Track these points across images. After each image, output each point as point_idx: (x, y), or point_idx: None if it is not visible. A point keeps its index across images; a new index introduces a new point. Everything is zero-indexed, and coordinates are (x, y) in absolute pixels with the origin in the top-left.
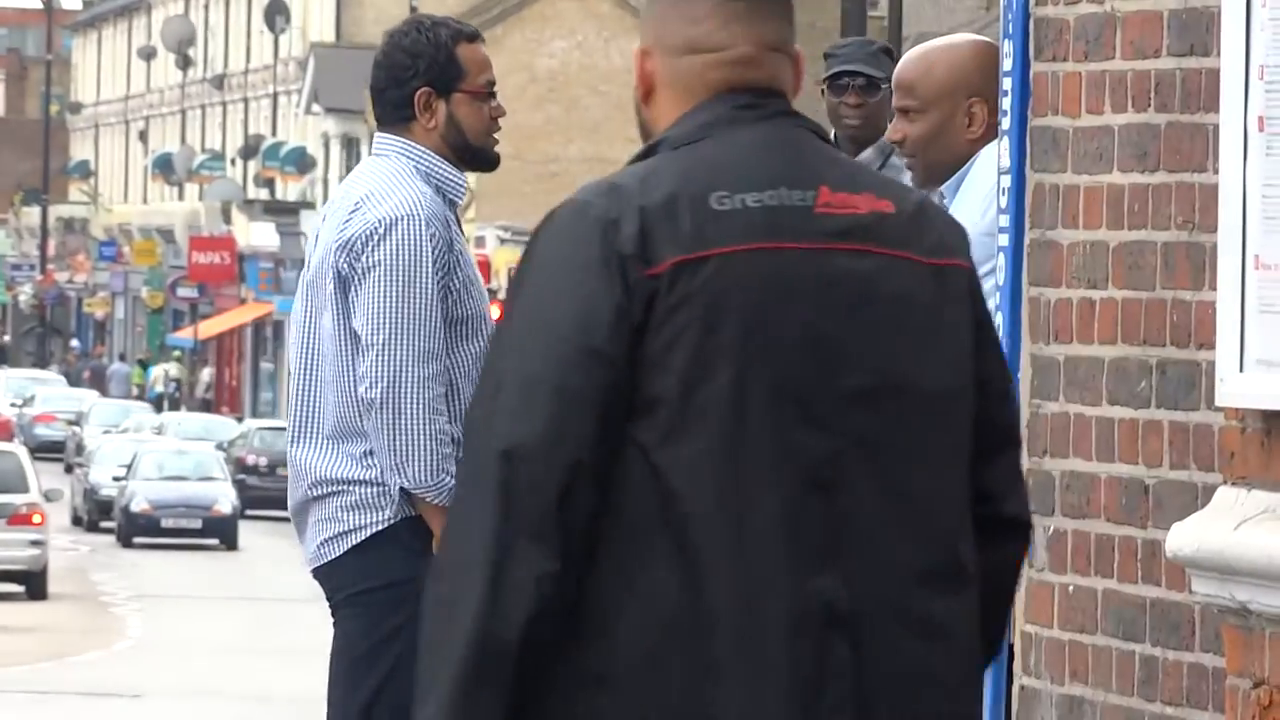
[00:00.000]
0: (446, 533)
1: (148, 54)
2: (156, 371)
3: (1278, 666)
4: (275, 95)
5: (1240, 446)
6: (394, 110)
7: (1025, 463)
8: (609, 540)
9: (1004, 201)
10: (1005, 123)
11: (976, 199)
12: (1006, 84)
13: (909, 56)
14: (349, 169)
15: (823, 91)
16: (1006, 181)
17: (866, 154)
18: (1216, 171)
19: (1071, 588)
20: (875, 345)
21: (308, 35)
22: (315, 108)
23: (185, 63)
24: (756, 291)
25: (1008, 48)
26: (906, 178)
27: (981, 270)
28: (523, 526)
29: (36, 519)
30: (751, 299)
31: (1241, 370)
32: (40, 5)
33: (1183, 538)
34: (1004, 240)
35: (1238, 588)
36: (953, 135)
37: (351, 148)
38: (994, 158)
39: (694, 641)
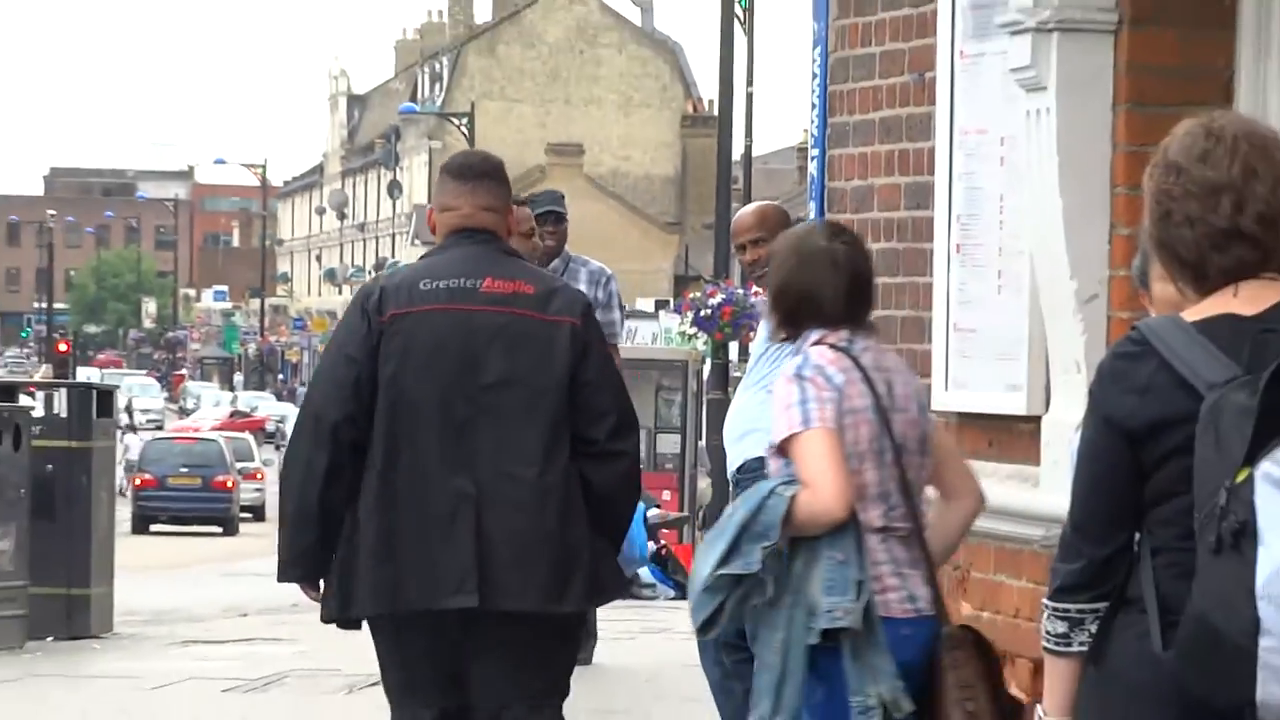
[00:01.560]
0: (288, 451)
1: (320, 210)
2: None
3: (968, 557)
4: (394, 235)
5: (944, 431)
6: None
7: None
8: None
9: None
10: None
11: None
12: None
13: (748, 213)
14: None
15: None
16: None
17: (555, 262)
18: (932, 276)
19: None
20: (501, 360)
21: (413, 199)
22: (417, 242)
23: (341, 216)
24: (433, 331)
25: (811, 206)
26: (584, 274)
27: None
28: (319, 446)
29: (259, 476)
30: (430, 334)
31: (946, 389)
32: (259, 183)
33: None
34: None
35: None
36: None
37: None
38: None
39: (388, 505)
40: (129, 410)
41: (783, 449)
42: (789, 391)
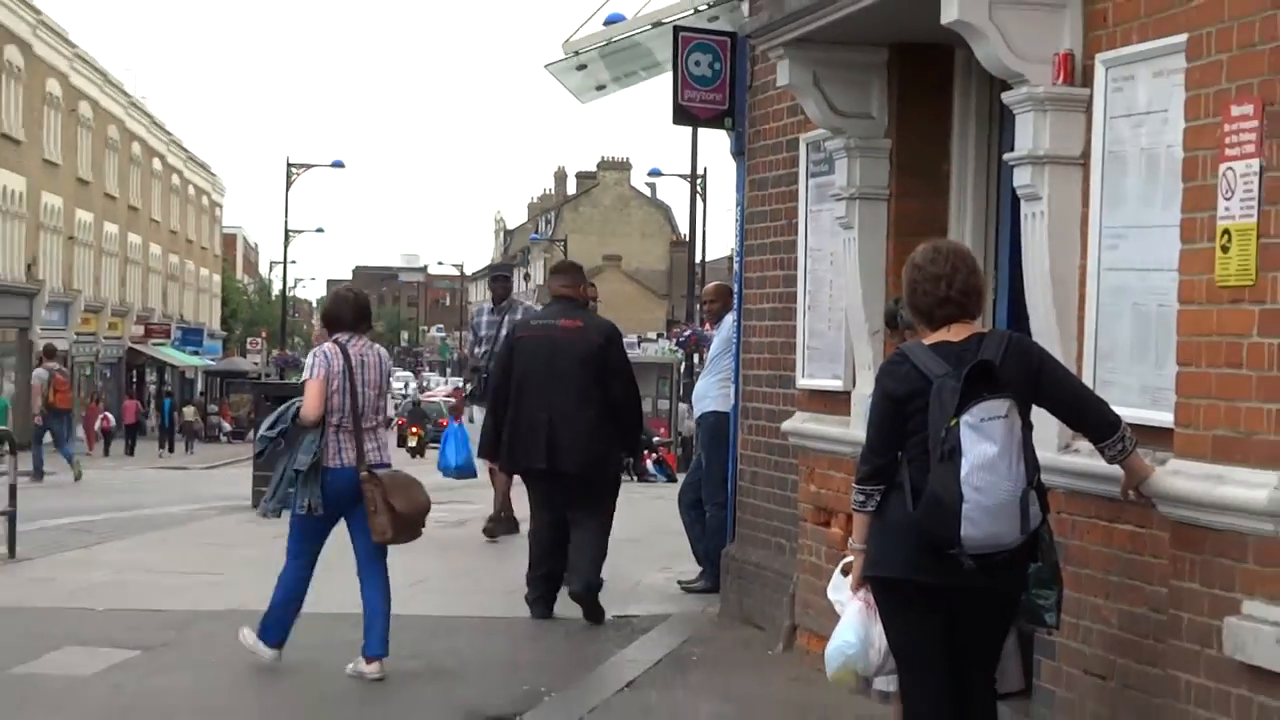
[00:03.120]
0: (489, 400)
1: (487, 279)
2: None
3: (811, 463)
4: (525, 302)
5: (802, 399)
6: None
7: (744, 401)
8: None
9: (735, 326)
10: (736, 304)
11: (725, 328)
12: (736, 294)
13: (710, 288)
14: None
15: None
16: (734, 320)
17: (504, 302)
18: (796, 321)
19: (755, 440)
20: (564, 358)
21: (535, 282)
22: (537, 304)
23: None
24: (535, 344)
25: (736, 286)
26: (521, 309)
27: (725, 348)
28: (497, 396)
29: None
30: (534, 346)
31: (804, 376)
32: (459, 274)
33: (788, 425)
34: (735, 338)
35: (800, 440)
36: (729, 308)
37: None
38: (730, 318)
39: (516, 421)
40: (405, 386)
41: (302, 387)
42: (308, 360)
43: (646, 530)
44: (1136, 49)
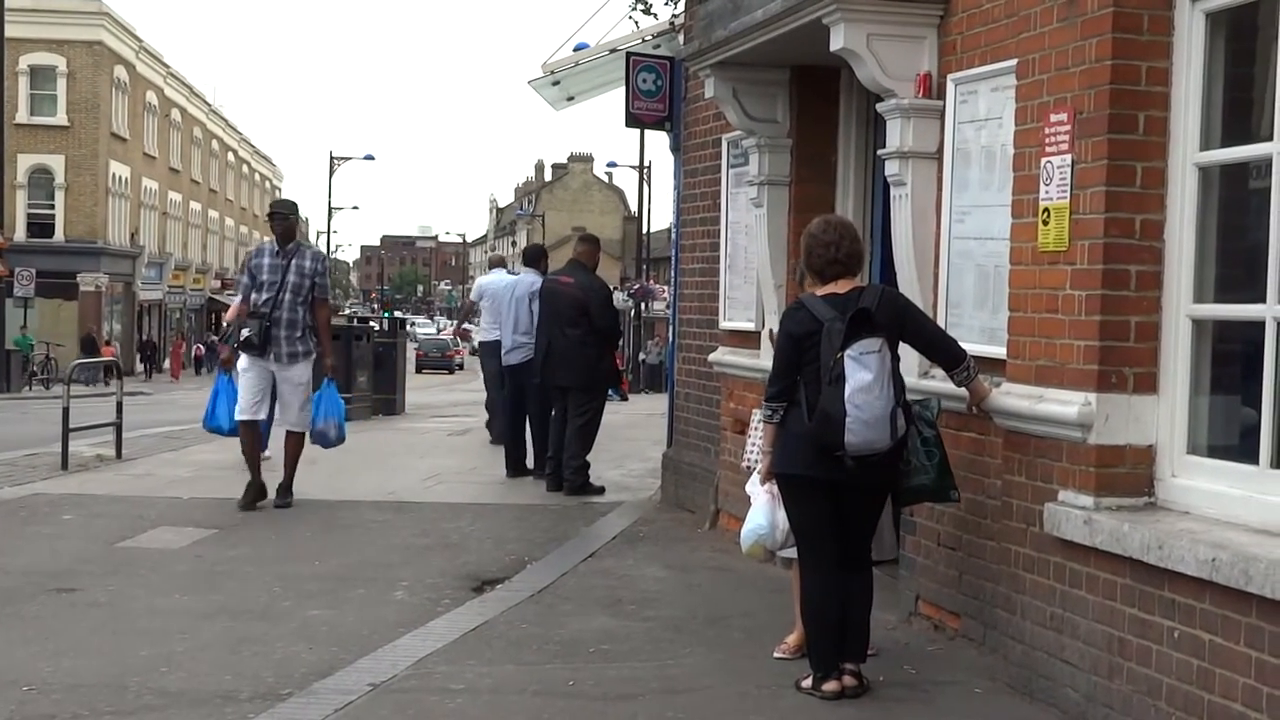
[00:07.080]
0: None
1: (485, 252)
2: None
3: (730, 385)
4: (514, 263)
5: (723, 336)
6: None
7: (680, 339)
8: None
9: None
10: (673, 265)
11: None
12: (674, 257)
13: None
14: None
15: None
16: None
17: (290, 245)
18: (719, 277)
19: (688, 369)
20: (563, 302)
21: (518, 247)
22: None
23: (492, 250)
24: (549, 292)
25: (673, 253)
26: (309, 254)
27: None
28: (541, 332)
29: (462, 352)
30: (548, 293)
31: (725, 319)
32: (461, 241)
33: (713, 357)
34: (673, 291)
35: (722, 368)
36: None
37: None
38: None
39: (541, 347)
40: (413, 327)
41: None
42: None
43: (604, 438)
44: (978, 70)
